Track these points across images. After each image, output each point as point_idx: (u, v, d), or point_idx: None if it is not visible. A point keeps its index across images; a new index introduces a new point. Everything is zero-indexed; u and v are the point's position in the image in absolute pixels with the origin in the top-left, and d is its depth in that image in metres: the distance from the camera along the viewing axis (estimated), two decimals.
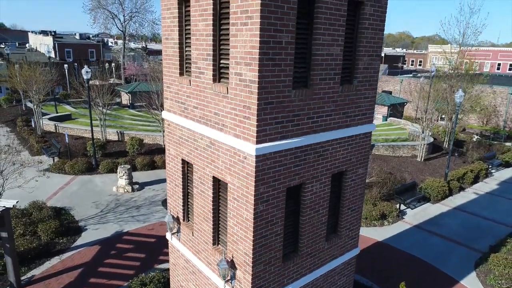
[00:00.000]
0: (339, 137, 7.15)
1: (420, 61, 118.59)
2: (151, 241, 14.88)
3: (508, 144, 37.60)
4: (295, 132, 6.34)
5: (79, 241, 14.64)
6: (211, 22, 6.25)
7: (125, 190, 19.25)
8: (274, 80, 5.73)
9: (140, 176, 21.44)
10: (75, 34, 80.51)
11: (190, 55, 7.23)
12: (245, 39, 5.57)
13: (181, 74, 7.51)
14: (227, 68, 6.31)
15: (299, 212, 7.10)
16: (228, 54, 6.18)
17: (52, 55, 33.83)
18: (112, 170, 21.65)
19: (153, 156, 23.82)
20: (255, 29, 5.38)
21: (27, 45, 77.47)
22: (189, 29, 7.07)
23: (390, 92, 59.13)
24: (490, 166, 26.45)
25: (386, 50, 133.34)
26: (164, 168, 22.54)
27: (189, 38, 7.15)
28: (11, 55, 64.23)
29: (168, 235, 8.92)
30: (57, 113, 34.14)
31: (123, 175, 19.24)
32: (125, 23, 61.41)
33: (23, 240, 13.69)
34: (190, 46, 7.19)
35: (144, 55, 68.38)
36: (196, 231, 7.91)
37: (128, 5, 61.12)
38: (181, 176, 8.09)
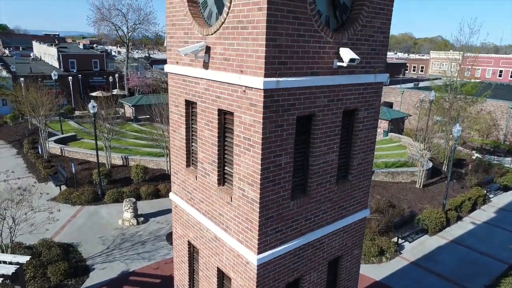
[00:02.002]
0: (335, 229, 7.66)
1: (422, 67, 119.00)
2: (156, 282, 15.41)
3: (508, 159, 37.98)
4: (294, 235, 6.85)
5: (87, 282, 15.18)
6: (217, 133, 6.77)
7: (130, 223, 19.81)
8: (274, 198, 6.25)
9: (145, 206, 21.98)
10: (78, 43, 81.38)
11: (196, 151, 7.75)
12: (248, 162, 6.08)
13: (187, 165, 8.03)
14: (231, 175, 6.83)
15: None
16: (232, 161, 6.68)
17: (56, 76, 34.29)
18: (118, 200, 22.22)
19: (157, 183, 24.38)
20: (256, 157, 5.89)
21: (31, 54, 78.28)
22: (196, 128, 7.59)
23: (391, 104, 59.57)
24: (488, 192, 26.90)
25: (388, 55, 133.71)
26: (168, 196, 23.13)
27: (196, 136, 7.66)
28: (16, 65, 65.20)
29: None
30: (62, 131, 34.69)
31: (128, 208, 19.79)
32: (129, 34, 62.11)
33: (34, 283, 14.26)
34: (196, 142, 7.71)
35: (147, 65, 69.05)
36: None
37: (132, 16, 61.36)
38: (188, 256, 8.61)
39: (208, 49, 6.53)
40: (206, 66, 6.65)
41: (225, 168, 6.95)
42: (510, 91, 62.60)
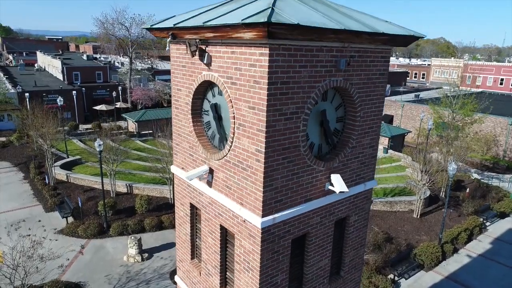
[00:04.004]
0: None
1: (423, 74, 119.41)
2: None
3: (507, 176, 38.48)
4: None
5: None
6: (219, 244, 7.40)
7: (135, 260, 20.48)
8: None
9: (149, 239, 22.65)
10: (82, 53, 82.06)
11: (200, 247, 8.38)
12: (247, 280, 6.71)
13: (192, 258, 8.67)
14: (233, 280, 7.46)
15: None
16: (233, 268, 7.31)
17: (62, 102, 35.03)
18: (122, 233, 22.92)
19: (160, 214, 25.06)
20: (254, 280, 6.52)
21: (35, 65, 79.06)
22: (200, 227, 8.22)
23: (392, 118, 60.08)
24: (484, 220, 27.46)
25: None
26: (171, 228, 23.82)
27: (200, 234, 8.29)
28: (21, 77, 66.04)
29: None
30: (67, 154, 35.35)
31: (133, 245, 20.47)
32: (132, 48, 62.81)
33: None
34: (200, 239, 8.35)
35: (150, 77, 69.76)
36: None
37: (135, 30, 62.10)
38: None
39: (211, 171, 7.16)
40: (209, 184, 7.28)
41: (227, 273, 7.58)
42: (510, 103, 62.95)
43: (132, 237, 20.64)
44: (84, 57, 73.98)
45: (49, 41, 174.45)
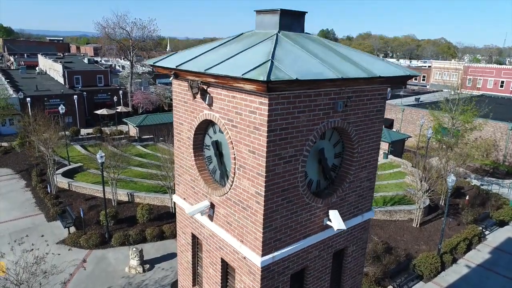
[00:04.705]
0: None
1: (424, 76, 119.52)
2: None
3: (506, 181, 38.63)
4: None
5: None
6: (220, 276, 7.58)
7: (137, 271, 20.67)
8: None
9: (150, 250, 22.84)
10: (83, 56, 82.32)
11: (202, 275, 8.56)
12: None
13: (193, 285, 8.85)
14: None
15: None
16: None
17: (64, 110, 35.26)
18: (124, 243, 23.11)
19: (161, 223, 25.25)
20: None
21: (37, 68, 79.33)
22: (201, 256, 8.40)
23: (392, 121, 60.20)
24: (484, 229, 27.61)
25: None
26: (172, 238, 23.99)
27: (201, 263, 8.48)
28: (22, 80, 66.35)
29: None
30: (69, 161, 35.52)
31: (135, 256, 20.67)
32: (133, 52, 63.06)
33: None
34: (202, 268, 8.53)
35: (150, 81, 69.99)
36: None
37: (136, 34, 62.34)
38: None
39: (212, 205, 7.34)
40: (211, 218, 7.47)
41: None
42: (511, 107, 63.01)
43: (134, 248, 20.83)
44: (85, 60, 74.23)
45: (50, 42, 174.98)
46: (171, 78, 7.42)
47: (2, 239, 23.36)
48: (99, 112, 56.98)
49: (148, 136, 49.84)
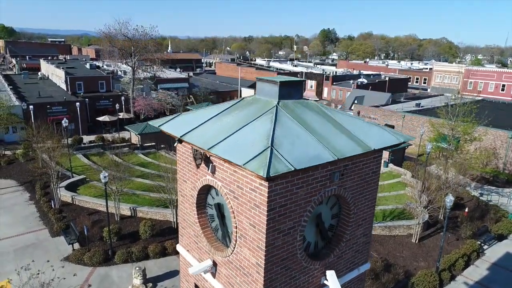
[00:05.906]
0: None
1: (425, 79, 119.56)
2: None
3: (506, 190, 38.88)
4: None
5: None
6: None
7: None
8: None
9: (153, 267, 23.23)
10: (85, 61, 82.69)
11: None
12: None
13: None
14: None
15: None
16: None
17: (67, 123, 35.67)
18: (127, 260, 23.50)
19: (164, 239, 25.65)
20: None
21: (39, 73, 79.76)
22: None
23: (393, 127, 60.53)
24: (482, 243, 27.90)
25: (391, 66, 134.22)
26: (174, 254, 24.36)
27: None
28: (24, 86, 66.78)
29: None
30: (71, 172, 35.88)
31: (138, 276, 21.06)
32: (135, 58, 63.40)
33: None
34: None
35: (152, 86, 70.31)
36: None
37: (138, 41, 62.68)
38: None
39: (215, 264, 7.68)
40: (213, 275, 7.81)
41: None
42: (511, 112, 63.12)
43: (137, 268, 21.21)
44: (87, 65, 74.58)
45: (52, 44, 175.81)
46: (176, 143, 7.75)
47: (8, 256, 23.79)
48: (101, 119, 57.42)
49: (150, 144, 50.30)
